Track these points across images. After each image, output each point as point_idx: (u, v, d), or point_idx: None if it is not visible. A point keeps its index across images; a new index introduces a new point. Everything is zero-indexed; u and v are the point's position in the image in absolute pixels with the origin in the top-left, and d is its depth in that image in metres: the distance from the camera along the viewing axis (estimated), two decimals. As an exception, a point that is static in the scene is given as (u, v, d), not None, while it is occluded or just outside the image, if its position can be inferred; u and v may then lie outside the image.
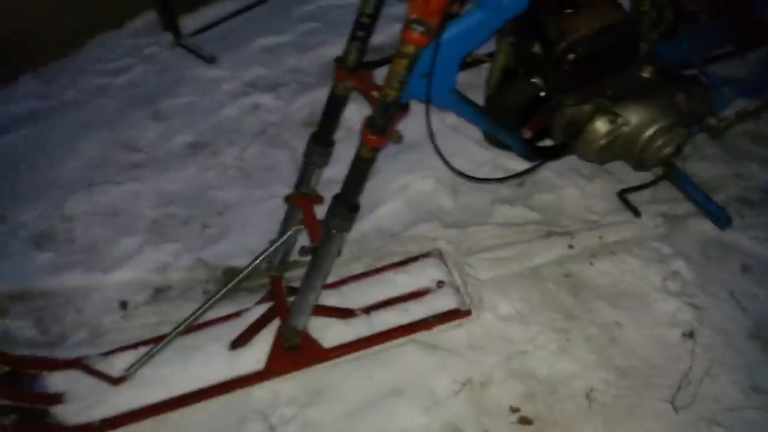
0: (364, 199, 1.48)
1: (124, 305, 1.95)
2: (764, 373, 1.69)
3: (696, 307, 1.83)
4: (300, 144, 2.34)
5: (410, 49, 1.17)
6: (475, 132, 2.22)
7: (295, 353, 1.68)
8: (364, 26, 1.38)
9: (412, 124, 1.52)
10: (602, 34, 1.45)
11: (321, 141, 1.57)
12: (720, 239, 1.99)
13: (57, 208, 2.19)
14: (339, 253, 1.50)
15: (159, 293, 1.97)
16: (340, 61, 1.44)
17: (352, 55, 1.42)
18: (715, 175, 2.14)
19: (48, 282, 2.01)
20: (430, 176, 2.19)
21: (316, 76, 2.61)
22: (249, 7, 2.95)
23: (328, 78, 2.57)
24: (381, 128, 1.27)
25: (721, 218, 1.80)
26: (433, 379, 1.71)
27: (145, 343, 1.78)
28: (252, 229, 2.12)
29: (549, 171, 2.17)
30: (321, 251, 1.46)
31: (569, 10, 1.44)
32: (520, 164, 2.14)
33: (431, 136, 1.50)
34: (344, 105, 1.54)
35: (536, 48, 1.51)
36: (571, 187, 2.15)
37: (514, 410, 1.66)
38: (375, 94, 1.36)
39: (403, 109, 1.37)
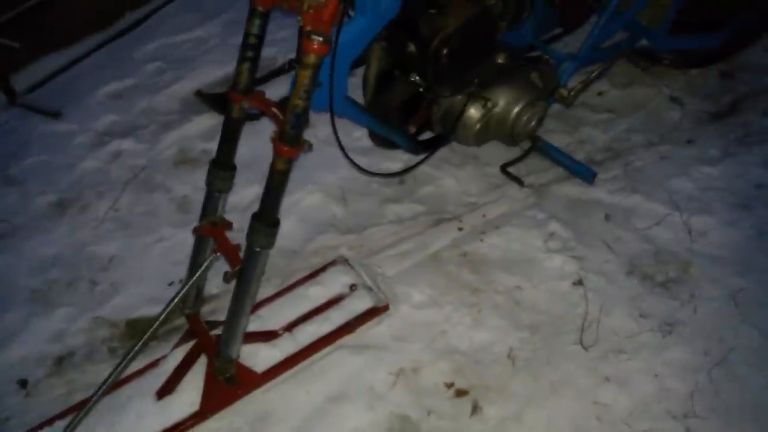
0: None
1: (23, 383, 1.79)
2: (646, 301, 1.93)
3: (577, 258, 2.05)
4: (175, 183, 2.32)
5: (312, 59, 1.23)
6: (351, 143, 2.32)
7: (229, 385, 1.65)
8: (252, 47, 1.41)
9: None
10: (467, 27, 1.61)
11: (222, 166, 1.57)
12: (581, 197, 2.25)
13: None
14: (263, 272, 1.51)
15: (61, 362, 1.83)
16: (233, 84, 1.46)
17: (243, 77, 1.45)
18: (563, 144, 2.40)
19: (-75, 382, 1.78)
20: (316, 190, 2.25)
21: (176, 113, 2.56)
22: (84, 56, 2.81)
23: (189, 113, 2.56)
24: (293, 139, 1.31)
25: (588, 174, 2.05)
26: (369, 376, 1.77)
27: (61, 416, 1.65)
28: (145, 276, 2.04)
29: (425, 166, 2.31)
30: (247, 272, 1.46)
31: (433, 11, 1.58)
32: (396, 164, 2.29)
33: (338, 140, 1.57)
34: (241, 127, 1.55)
35: (411, 48, 1.64)
36: (447, 177, 2.31)
37: (449, 385, 1.76)
38: (275, 110, 1.40)
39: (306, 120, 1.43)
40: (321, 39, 1.21)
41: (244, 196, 2.23)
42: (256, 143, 2.21)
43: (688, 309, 1.90)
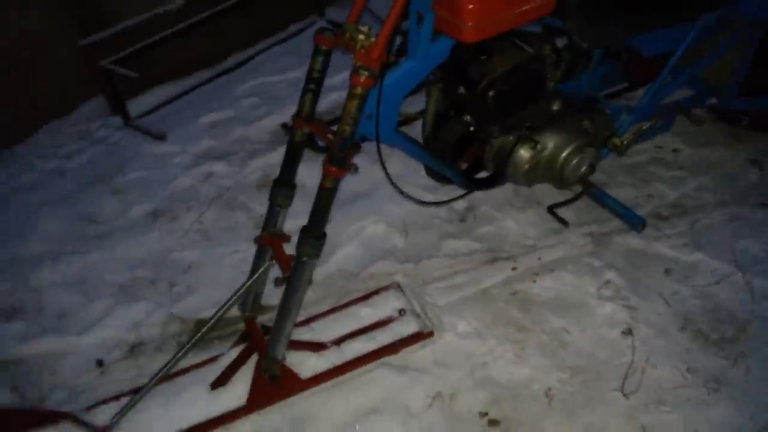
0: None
1: (100, 363, 2.00)
2: (696, 357, 1.90)
3: (630, 308, 2.05)
4: (255, 204, 2.53)
5: (359, 91, 1.40)
6: (418, 180, 2.46)
7: (275, 386, 1.78)
8: (314, 80, 1.60)
9: (359, 179, 1.70)
10: (514, 72, 1.73)
11: (284, 183, 1.74)
12: (642, 250, 2.25)
13: (23, 281, 2.24)
14: (310, 281, 1.65)
15: (135, 349, 2.04)
16: (296, 112, 1.64)
17: (306, 106, 1.63)
18: (631, 197, 2.43)
19: (20, 350, 2.05)
20: (380, 220, 2.38)
21: (264, 143, 2.81)
22: (191, 89, 3.15)
23: (275, 144, 2.80)
24: (340, 161, 1.47)
25: (637, 221, 2.07)
26: (406, 395, 1.84)
27: (125, 394, 1.84)
28: (218, 283, 2.23)
29: (487, 206, 2.41)
30: (295, 279, 1.60)
31: (483, 56, 1.72)
32: (461, 202, 2.39)
33: (383, 167, 1.70)
34: (302, 151, 1.73)
35: (461, 90, 1.77)
36: (508, 219, 2.39)
37: (483, 415, 1.80)
38: (330, 136, 1.57)
39: (356, 145, 1.58)
40: (367, 74, 1.37)
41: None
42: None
43: (740, 369, 1.85)
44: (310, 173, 2.45)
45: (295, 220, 1.88)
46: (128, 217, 2.49)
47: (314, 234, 1.55)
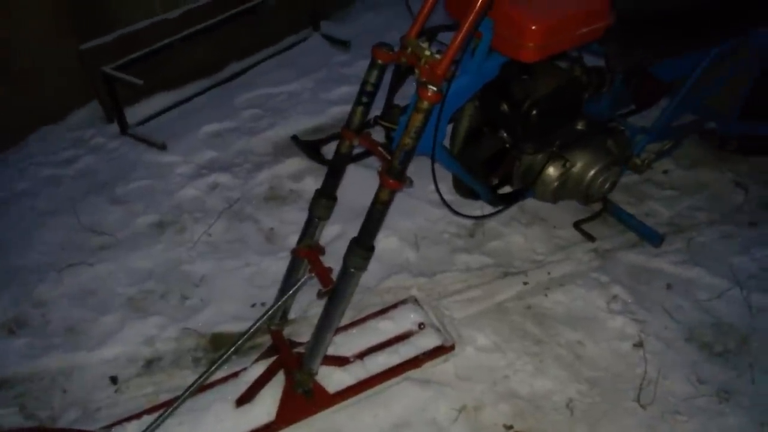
0: (338, 261, 1.63)
1: (114, 380, 1.95)
2: (704, 368, 1.99)
3: (638, 321, 2.14)
4: (264, 216, 2.52)
5: (425, 105, 1.41)
6: (426, 195, 2.50)
7: (307, 400, 1.77)
8: (368, 93, 1.61)
9: (368, 192, 1.69)
10: (556, 93, 1.80)
11: (326, 195, 1.75)
12: (644, 265, 2.35)
13: (27, 294, 2.17)
14: (353, 294, 1.66)
15: (150, 364, 2.00)
16: (346, 123, 1.65)
17: (356, 118, 1.63)
18: (629, 215, 2.53)
19: (27, 366, 1.98)
20: (392, 235, 2.41)
21: (269, 155, 2.80)
22: (189, 98, 3.11)
23: (280, 156, 2.79)
24: (399, 174, 1.49)
25: (655, 238, 2.17)
26: (433, 409, 1.87)
27: (148, 411, 1.80)
28: (231, 296, 2.21)
29: (494, 222, 2.46)
30: (339, 291, 1.61)
31: (525, 76, 1.78)
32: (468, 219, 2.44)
33: (435, 183, 1.74)
34: (347, 163, 1.74)
35: (504, 107, 1.82)
36: (516, 234, 2.45)
37: (508, 427, 1.85)
38: (380, 149, 1.59)
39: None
40: (435, 89, 1.39)
41: (325, 234, 2.41)
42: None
43: (746, 379, 1.96)
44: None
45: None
46: (133, 228, 2.44)
47: (365, 246, 1.56)
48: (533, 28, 1.50)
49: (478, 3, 1.38)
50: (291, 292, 1.72)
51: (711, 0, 1.94)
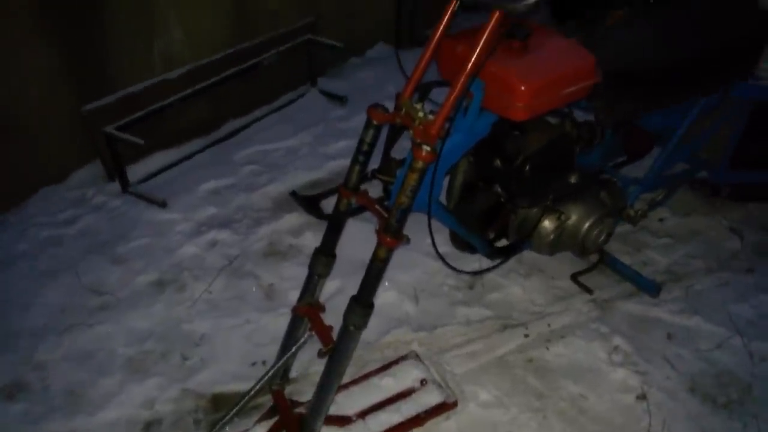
0: (338, 317, 1.64)
1: (115, 444, 1.93)
2: (708, 420, 1.98)
3: (640, 372, 2.13)
4: (264, 272, 2.53)
5: (420, 164, 1.45)
6: (425, 248, 2.51)
7: (308, 461, 1.76)
8: (364, 153, 1.65)
9: (366, 247, 1.70)
10: (548, 148, 1.84)
11: (325, 252, 1.77)
12: (644, 315, 2.36)
13: (27, 357, 2.15)
14: (353, 352, 1.66)
15: (150, 427, 1.97)
16: (344, 181, 1.68)
17: (354, 176, 1.67)
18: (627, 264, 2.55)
19: (26, 432, 1.95)
20: (391, 288, 2.42)
21: (268, 210, 2.82)
22: (189, 156, 3.16)
23: (279, 211, 2.82)
24: (396, 231, 1.51)
25: (652, 288, 2.18)
26: (437, 469, 1.85)
27: (148, 476, 1.78)
28: (231, 355, 2.20)
29: (493, 273, 2.47)
30: (340, 349, 1.61)
31: (517, 132, 1.82)
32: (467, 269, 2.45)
33: (432, 239, 1.76)
34: (345, 220, 1.76)
35: (497, 163, 1.86)
36: (514, 286, 2.46)
37: (514, 486, 1.83)
38: (377, 207, 1.62)
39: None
40: (429, 149, 1.43)
41: (325, 289, 2.41)
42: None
43: (752, 431, 1.94)
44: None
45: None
46: (133, 287, 2.44)
47: (363, 304, 1.57)
48: (522, 88, 1.55)
49: (468, 66, 1.43)
50: (292, 351, 1.72)
51: (691, 58, 2.01)
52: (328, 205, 2.78)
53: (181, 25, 3.00)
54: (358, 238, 2.27)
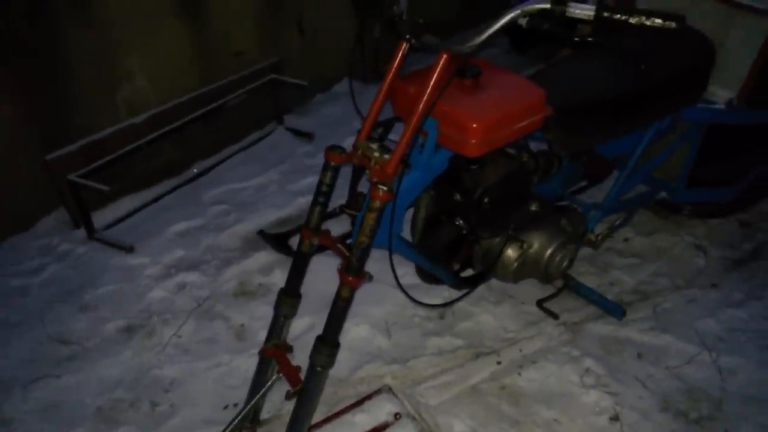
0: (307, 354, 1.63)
1: (83, 500, 1.88)
2: (681, 438, 2.00)
3: (612, 393, 2.15)
4: (234, 313, 2.51)
5: (377, 204, 1.47)
6: (394, 280, 2.52)
7: (282, 505, 1.73)
8: (323, 194, 1.66)
9: (334, 282, 1.71)
10: (506, 180, 1.87)
11: (290, 294, 1.77)
12: (613, 336, 2.38)
13: (-8, 413, 2.11)
14: (321, 392, 1.65)
15: (120, 479, 1.94)
16: (305, 222, 1.70)
17: (314, 217, 1.68)
18: (594, 285, 2.56)
19: (-8, 493, 1.90)
20: (362, 322, 2.41)
21: (237, 250, 2.82)
22: (156, 199, 3.15)
23: (248, 251, 2.81)
24: (357, 270, 1.52)
25: (617, 311, 2.21)
26: (414, 504, 1.83)
27: None
28: (202, 399, 2.17)
29: (464, 302, 2.49)
30: (308, 390, 1.60)
31: (474, 166, 1.85)
32: (434, 299, 2.45)
33: (395, 275, 1.77)
34: (308, 261, 1.77)
35: (457, 197, 1.89)
36: (485, 314, 2.47)
37: None
38: (339, 246, 1.63)
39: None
40: (385, 188, 1.45)
41: (294, 327, 2.40)
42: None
43: (725, 446, 1.96)
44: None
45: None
46: (101, 335, 2.40)
47: (329, 343, 1.57)
48: (474, 126, 1.58)
49: (420, 106, 1.46)
50: (260, 394, 1.71)
51: (640, 89, 2.07)
52: (297, 242, 2.78)
53: (144, 73, 3.02)
54: (327, 275, 2.26)
